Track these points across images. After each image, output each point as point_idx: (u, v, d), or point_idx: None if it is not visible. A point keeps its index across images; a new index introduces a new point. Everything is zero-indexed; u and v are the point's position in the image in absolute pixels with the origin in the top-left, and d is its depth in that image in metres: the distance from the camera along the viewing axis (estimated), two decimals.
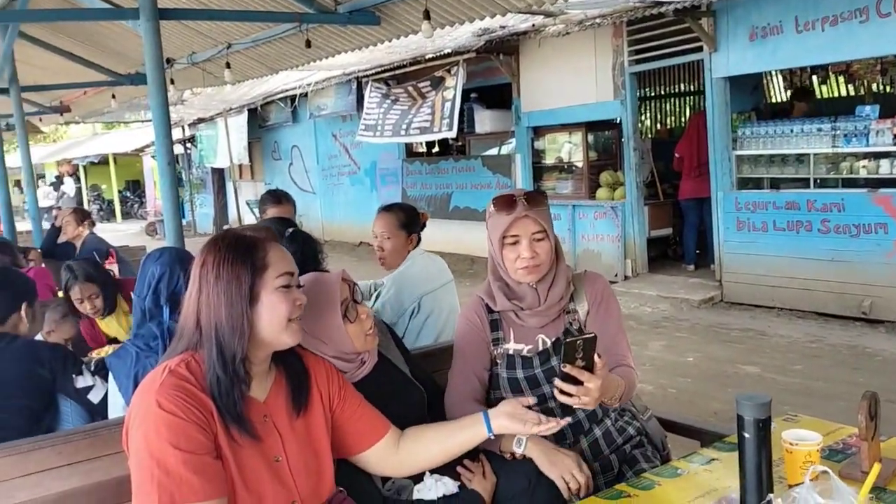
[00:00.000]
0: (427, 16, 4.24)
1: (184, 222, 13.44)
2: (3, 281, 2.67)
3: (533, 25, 7.94)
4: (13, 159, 14.36)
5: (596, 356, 1.74)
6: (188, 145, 17.43)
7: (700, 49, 7.03)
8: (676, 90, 11.46)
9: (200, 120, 15.71)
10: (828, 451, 1.81)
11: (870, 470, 1.65)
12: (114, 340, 3.45)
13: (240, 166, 15.57)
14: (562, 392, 1.70)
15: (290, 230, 2.55)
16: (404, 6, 4.70)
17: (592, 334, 1.71)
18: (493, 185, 9.84)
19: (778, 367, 5.12)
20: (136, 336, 2.33)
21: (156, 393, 1.44)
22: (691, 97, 11.16)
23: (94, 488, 1.83)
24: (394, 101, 9.95)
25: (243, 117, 14.34)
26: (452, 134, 9.03)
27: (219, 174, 16.93)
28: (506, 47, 8.79)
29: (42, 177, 25.30)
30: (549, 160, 9.20)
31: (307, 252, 2.47)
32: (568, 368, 1.69)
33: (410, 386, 2.09)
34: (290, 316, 1.54)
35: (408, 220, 3.12)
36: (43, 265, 5.12)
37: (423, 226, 3.17)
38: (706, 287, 7.30)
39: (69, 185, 21.87)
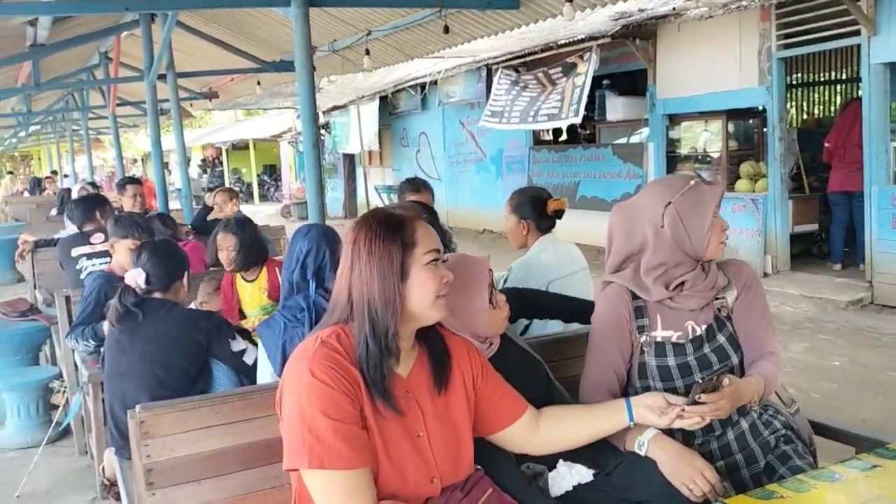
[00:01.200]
0: None
1: None
2: (167, 252, 2.88)
3: (673, 9, 7.64)
4: (165, 141, 15.44)
5: (726, 379, 1.78)
6: (322, 132, 18.08)
7: (857, 33, 6.53)
8: (826, 77, 10.72)
9: (335, 107, 16.25)
10: None
11: None
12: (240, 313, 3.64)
13: (369, 152, 15.99)
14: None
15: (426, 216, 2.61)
16: None
17: (724, 375, 1.74)
18: (624, 174, 9.60)
19: None
20: (285, 307, 2.44)
21: (309, 361, 1.50)
22: (843, 84, 10.42)
23: (246, 448, 1.94)
24: (523, 88, 9.86)
25: (375, 104, 14.71)
26: (578, 120, 8.85)
27: (349, 160, 17.47)
28: (642, 32, 8.51)
29: (189, 160, 27.05)
30: (684, 150, 8.86)
31: (441, 237, 2.52)
32: (702, 398, 1.71)
33: (532, 359, 2.09)
34: (438, 292, 1.57)
35: (517, 204, 3.08)
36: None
37: (556, 212, 3.10)
38: (854, 288, 6.81)
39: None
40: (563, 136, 12.20)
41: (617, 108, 9.69)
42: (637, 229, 2.02)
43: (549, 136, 12.22)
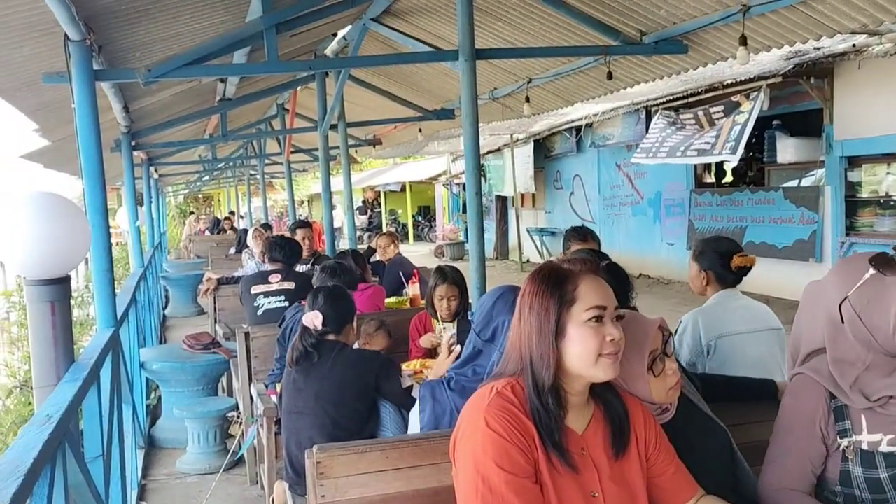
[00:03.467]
0: (744, 41, 4.01)
1: (467, 247, 14.13)
2: (341, 295, 3.02)
3: (853, 46, 7.16)
4: (333, 183, 16.35)
5: None
6: None
7: None
8: None
9: (489, 151, 16.55)
10: None
11: None
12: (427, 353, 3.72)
13: (521, 195, 16.09)
14: None
15: (606, 262, 2.54)
16: (716, 33, 4.48)
17: None
18: (797, 219, 9.01)
19: None
20: (457, 372, 2.43)
21: (484, 411, 1.51)
22: None
23: (414, 494, 1.97)
24: (679, 128, 9.56)
25: (529, 147, 14.82)
26: (735, 158, 8.40)
27: (501, 202, 17.65)
28: (817, 70, 8.03)
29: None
30: (865, 193, 8.20)
31: (619, 288, 2.44)
32: None
33: (715, 426, 1.96)
34: (600, 351, 1.52)
35: (700, 252, 2.97)
36: None
37: (740, 268, 2.94)
38: None
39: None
40: (728, 178, 11.68)
41: (788, 149, 9.14)
42: (819, 321, 1.81)
43: (712, 179, 11.74)
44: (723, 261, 2.89)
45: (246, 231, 10.83)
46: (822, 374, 1.79)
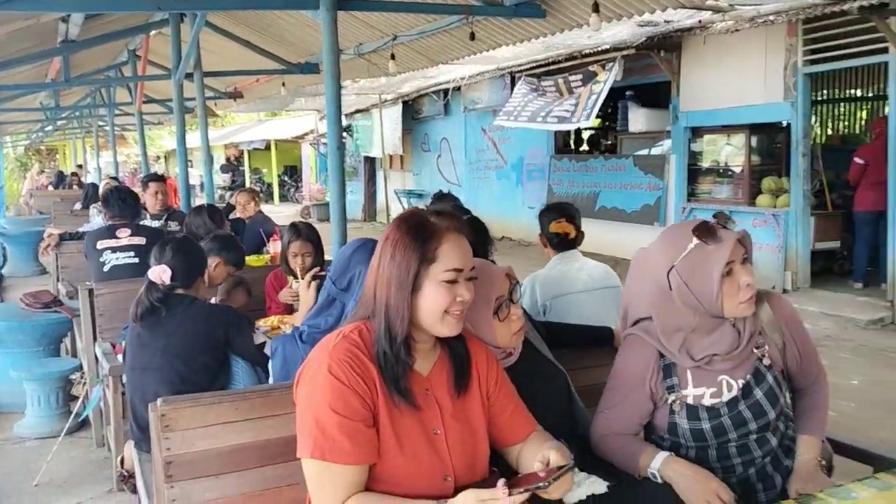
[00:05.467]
0: (596, 8, 4.18)
1: None
2: (191, 249, 2.92)
3: (699, 21, 7.63)
4: (188, 139, 15.59)
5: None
6: (344, 134, 18.17)
7: (885, 50, 6.49)
8: (852, 94, 10.63)
9: (357, 111, 16.34)
10: None
11: None
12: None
13: (390, 156, 16.06)
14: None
15: (467, 216, 2.61)
16: None
17: (570, 466, 1.48)
18: (644, 185, 9.57)
19: None
20: (310, 324, 2.42)
21: (328, 355, 1.54)
22: (869, 102, 10.33)
23: (264, 444, 1.96)
24: (541, 94, 9.89)
25: (397, 109, 14.77)
26: (588, 124, 8.84)
27: (370, 163, 17.54)
28: (667, 44, 8.50)
29: (211, 159, 27.28)
30: (706, 163, 8.82)
31: (478, 241, 2.52)
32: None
33: (555, 370, 2.09)
34: (447, 309, 1.57)
35: (539, 217, 3.15)
36: None
37: (557, 235, 3.10)
38: (876, 307, 6.74)
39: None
40: (585, 147, 12.21)
41: (639, 119, 9.67)
42: (646, 289, 1.93)
43: (571, 146, 12.22)
44: (547, 226, 3.07)
45: (94, 185, 10.16)
46: (652, 335, 1.92)
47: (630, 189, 9.83)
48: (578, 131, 12.04)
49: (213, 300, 3.52)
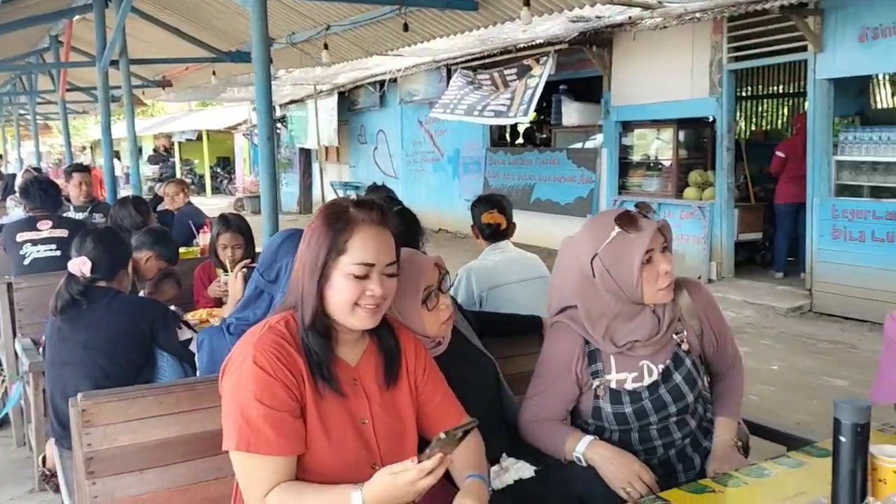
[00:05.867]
0: (527, 2, 4.23)
1: None
2: (114, 240, 2.83)
3: (629, 18, 7.79)
4: (115, 129, 15.08)
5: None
6: (278, 125, 17.91)
7: (804, 49, 6.75)
8: (774, 91, 11.04)
9: (292, 101, 16.10)
10: None
11: None
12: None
13: (326, 148, 15.90)
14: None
15: (399, 207, 2.61)
16: None
17: (474, 422, 1.46)
18: (578, 178, 9.74)
19: (867, 383, 4.89)
20: (238, 317, 2.39)
21: (253, 346, 1.53)
22: (790, 98, 10.74)
23: (191, 438, 1.93)
24: (477, 87, 9.95)
25: (333, 100, 14.62)
26: (526, 119, 8.95)
27: (305, 155, 17.33)
28: (599, 39, 8.66)
29: (140, 150, 26.49)
30: (637, 156, 9.03)
31: (409, 232, 2.52)
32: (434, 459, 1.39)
33: (484, 359, 2.11)
34: (356, 301, 1.55)
35: (471, 209, 3.18)
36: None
37: (490, 226, 3.14)
38: (795, 295, 7.04)
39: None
40: (520, 140, 12.34)
41: (572, 113, 9.83)
42: (572, 276, 1.97)
43: (507, 139, 12.34)
44: (480, 218, 3.10)
45: (14, 176, 9.73)
46: (577, 323, 1.97)
47: (564, 182, 9.99)
48: (514, 125, 12.16)
49: (141, 293, 3.44)
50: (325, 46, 6.68)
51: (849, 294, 6.48)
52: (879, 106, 9.46)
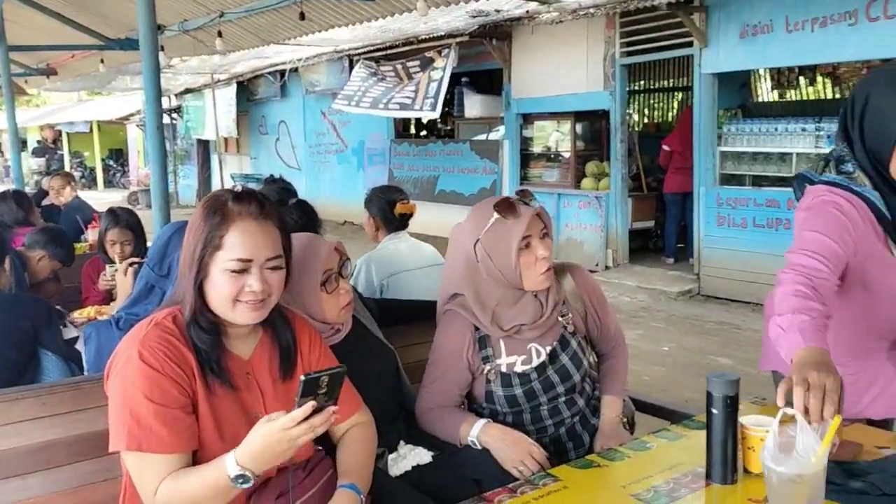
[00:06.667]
0: None
1: None
2: None
3: (527, 12, 7.96)
4: None
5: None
6: (174, 115, 17.29)
7: (690, 44, 7.09)
8: (666, 84, 11.53)
9: (188, 90, 15.57)
10: None
11: (834, 450, 1.72)
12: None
13: (225, 139, 15.48)
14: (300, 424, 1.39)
15: (296, 199, 2.59)
16: None
17: (340, 368, 1.45)
18: (480, 170, 9.89)
19: (750, 360, 5.21)
20: (128, 312, 2.32)
21: (139, 343, 1.49)
22: (680, 92, 11.24)
23: (76, 440, 1.86)
24: (380, 79, 9.93)
25: (232, 90, 14.23)
26: (435, 114, 9.03)
27: (204, 146, 16.81)
28: (499, 32, 8.79)
29: (24, 141, 24.95)
30: (537, 148, 9.25)
31: (307, 225, 2.51)
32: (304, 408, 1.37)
33: (385, 349, 2.13)
34: (236, 297, 1.52)
35: (369, 201, 3.20)
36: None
37: (403, 214, 3.18)
38: (684, 280, 7.40)
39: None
40: (424, 132, 12.39)
41: (475, 105, 9.97)
42: (460, 262, 2.01)
43: (413, 130, 12.36)
44: (389, 207, 3.12)
45: None
46: (466, 309, 2.01)
47: (467, 173, 10.12)
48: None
49: None
50: (220, 34, 6.50)
51: (733, 277, 6.87)
52: (760, 99, 10.05)
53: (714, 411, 1.65)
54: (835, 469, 1.60)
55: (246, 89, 14.51)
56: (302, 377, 1.36)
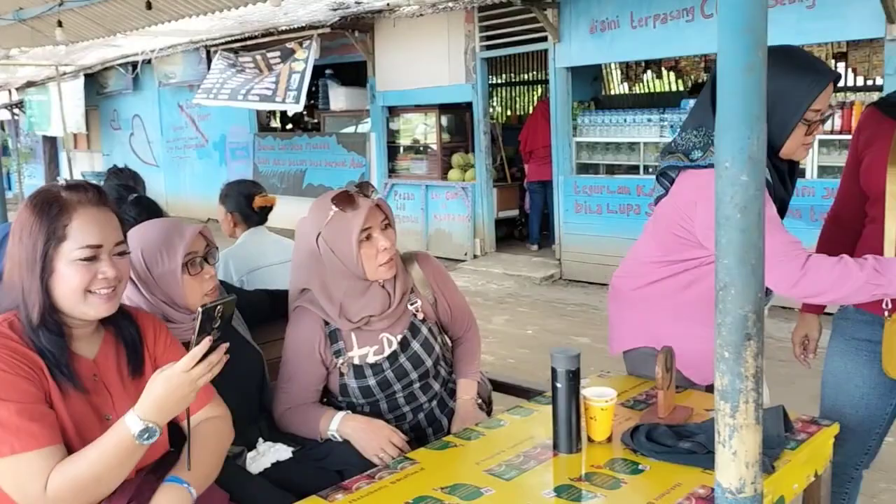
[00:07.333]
0: None
1: (9, 194, 12.48)
2: None
3: (388, 4, 7.98)
4: None
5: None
6: (16, 111, 16.03)
7: (545, 39, 7.36)
8: (527, 78, 11.93)
9: (31, 84, 14.46)
10: (633, 402, 2.02)
11: (666, 415, 1.88)
12: None
13: (75, 136, 14.52)
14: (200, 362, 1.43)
15: (135, 195, 2.48)
16: None
17: (231, 297, 1.52)
18: (348, 163, 9.83)
19: (606, 338, 5.52)
20: None
21: None
22: (539, 85, 11.66)
23: None
24: (239, 70, 9.66)
25: (79, 82, 13.35)
26: (299, 107, 8.89)
27: (51, 143, 15.70)
28: (361, 24, 8.76)
29: None
30: (405, 140, 9.30)
31: (151, 219, 2.41)
32: (202, 344, 1.43)
33: (249, 348, 2.10)
34: (87, 288, 1.48)
35: (225, 196, 3.13)
36: None
37: (262, 208, 3.13)
38: (547, 265, 7.71)
39: None
40: (290, 125, 12.14)
41: (340, 97, 9.88)
42: (305, 257, 2.01)
43: (276, 124, 12.09)
44: (247, 202, 3.07)
45: None
46: (315, 305, 2.01)
47: (335, 167, 10.03)
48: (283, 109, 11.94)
49: None
50: (59, 24, 6.09)
51: (591, 262, 7.23)
52: (612, 92, 10.61)
53: (558, 385, 1.75)
54: (666, 432, 1.75)
55: (96, 82, 13.66)
56: (200, 308, 1.39)
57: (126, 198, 2.45)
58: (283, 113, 12.17)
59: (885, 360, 1.95)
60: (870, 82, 7.44)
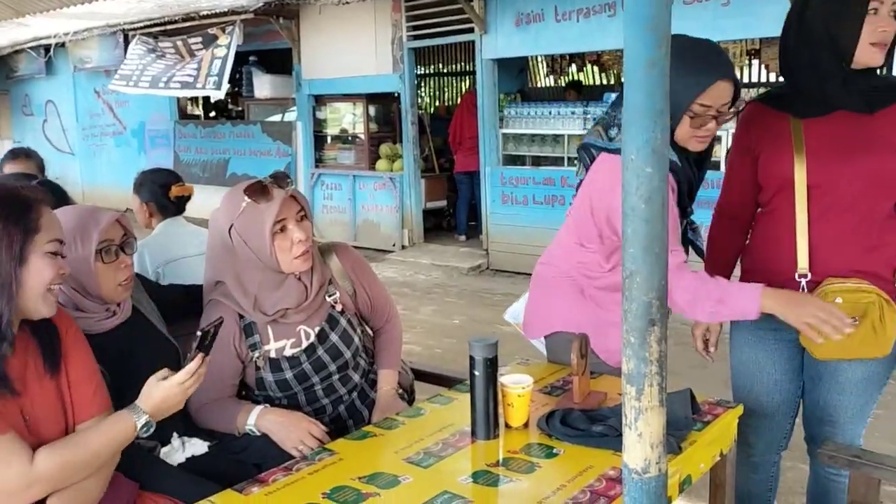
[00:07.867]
0: None
1: None
2: None
3: None
4: None
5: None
6: None
7: (472, 30, 7.39)
8: (455, 69, 11.96)
9: None
10: (550, 388, 2.07)
11: (581, 400, 1.93)
12: None
13: None
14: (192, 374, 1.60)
15: (36, 180, 2.37)
16: None
17: (219, 319, 1.66)
18: (274, 152, 9.66)
19: None
20: None
21: None
22: (468, 76, 11.70)
23: None
24: (159, 56, 9.34)
25: None
26: (221, 94, 8.65)
27: None
28: (286, 11, 8.60)
29: None
30: (332, 130, 9.20)
31: (59, 205, 2.31)
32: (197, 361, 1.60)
33: (166, 344, 2.05)
34: (51, 283, 1.50)
35: (139, 185, 3.03)
36: None
37: (179, 198, 3.04)
38: (474, 256, 7.77)
39: None
40: (213, 113, 11.84)
41: (265, 85, 9.67)
42: (218, 249, 1.98)
43: (199, 111, 11.76)
44: (163, 191, 2.98)
45: None
46: (229, 297, 1.97)
47: (260, 156, 9.84)
48: (205, 96, 11.62)
49: None
50: None
51: (517, 252, 7.32)
52: (538, 84, 10.75)
53: (476, 373, 1.78)
54: (580, 416, 1.80)
55: (6, 65, 13.00)
56: (198, 332, 1.60)
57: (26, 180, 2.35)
58: (206, 100, 11.83)
59: (809, 344, 1.94)
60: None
